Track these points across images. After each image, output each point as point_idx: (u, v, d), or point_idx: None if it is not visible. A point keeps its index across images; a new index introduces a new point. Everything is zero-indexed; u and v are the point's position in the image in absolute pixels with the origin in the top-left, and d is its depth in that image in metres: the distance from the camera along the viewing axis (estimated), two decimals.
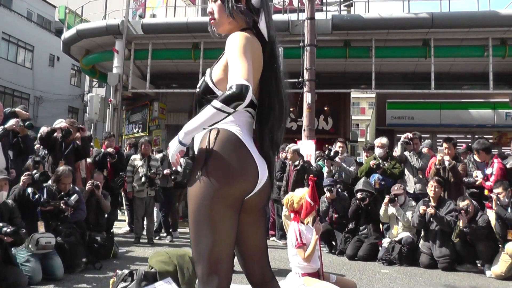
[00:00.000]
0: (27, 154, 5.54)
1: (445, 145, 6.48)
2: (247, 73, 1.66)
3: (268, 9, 1.92)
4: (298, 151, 7.58)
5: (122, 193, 8.04)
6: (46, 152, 6.25)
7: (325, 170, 7.45)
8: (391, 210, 6.11)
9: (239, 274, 3.96)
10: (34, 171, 4.82)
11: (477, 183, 6.25)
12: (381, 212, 6.17)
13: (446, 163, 6.23)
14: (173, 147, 1.77)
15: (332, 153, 7.34)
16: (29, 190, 4.59)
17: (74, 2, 18.16)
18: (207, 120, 1.68)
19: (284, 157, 7.64)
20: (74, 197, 5.05)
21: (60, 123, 6.29)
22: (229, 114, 1.65)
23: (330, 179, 6.92)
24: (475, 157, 6.54)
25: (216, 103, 1.64)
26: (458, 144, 7.15)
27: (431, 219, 5.71)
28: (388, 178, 6.84)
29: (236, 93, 1.60)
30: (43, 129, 6.19)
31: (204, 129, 1.76)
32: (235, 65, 1.70)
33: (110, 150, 7.37)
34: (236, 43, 1.76)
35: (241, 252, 1.93)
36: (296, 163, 7.30)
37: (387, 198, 6.05)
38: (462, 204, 5.53)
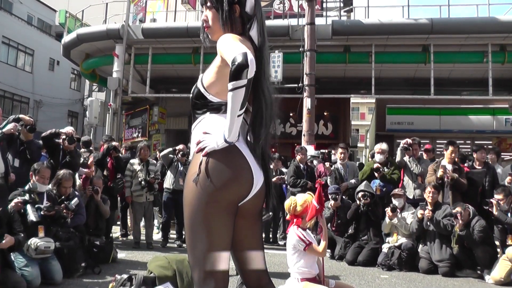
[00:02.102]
0: (33, 161, 5.36)
1: (451, 148, 6.35)
2: (242, 48, 1.65)
3: (261, 17, 1.93)
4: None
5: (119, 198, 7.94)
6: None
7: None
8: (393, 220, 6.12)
9: (236, 277, 3.96)
10: (26, 196, 4.58)
11: None
12: (385, 223, 6.17)
13: (449, 180, 6.13)
14: (217, 143, 1.72)
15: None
16: (29, 209, 4.44)
17: (74, 6, 18.27)
18: (232, 106, 1.63)
19: (299, 160, 7.67)
20: (74, 201, 5.04)
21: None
22: (245, 86, 1.60)
23: (335, 186, 6.90)
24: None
25: (228, 86, 1.61)
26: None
27: (428, 222, 5.73)
28: (387, 183, 6.85)
29: (240, 63, 1.57)
30: (67, 129, 6.09)
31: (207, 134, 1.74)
32: (229, 48, 1.69)
33: (114, 143, 7.32)
34: (226, 38, 1.77)
35: (238, 257, 1.93)
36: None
37: (389, 210, 6.01)
38: (455, 210, 5.53)
